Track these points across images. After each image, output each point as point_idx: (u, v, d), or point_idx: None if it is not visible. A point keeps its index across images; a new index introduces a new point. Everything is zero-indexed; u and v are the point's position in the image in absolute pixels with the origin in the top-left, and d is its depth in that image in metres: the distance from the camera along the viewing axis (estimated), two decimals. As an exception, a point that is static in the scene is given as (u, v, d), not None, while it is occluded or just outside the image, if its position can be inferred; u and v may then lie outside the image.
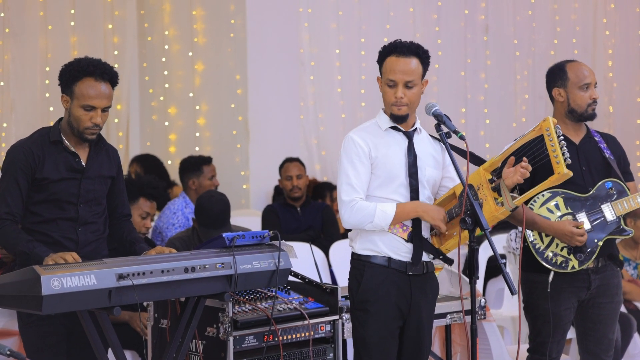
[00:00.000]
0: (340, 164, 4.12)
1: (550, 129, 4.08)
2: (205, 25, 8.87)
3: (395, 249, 4.09)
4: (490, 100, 10.50)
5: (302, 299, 4.46)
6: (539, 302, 4.53)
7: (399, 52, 4.08)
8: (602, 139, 4.67)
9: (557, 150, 4.05)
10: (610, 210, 4.53)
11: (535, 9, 10.82)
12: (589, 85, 4.58)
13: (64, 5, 8.45)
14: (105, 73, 4.08)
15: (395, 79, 4.05)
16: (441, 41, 10.14)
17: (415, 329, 4.13)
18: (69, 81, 4.07)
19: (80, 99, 4.04)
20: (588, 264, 4.50)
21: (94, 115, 4.05)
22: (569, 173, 4.03)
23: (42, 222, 4.10)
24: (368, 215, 4.01)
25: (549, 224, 4.47)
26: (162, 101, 9.10)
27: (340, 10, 9.46)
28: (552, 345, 4.56)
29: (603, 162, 4.59)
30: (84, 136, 4.09)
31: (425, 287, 4.14)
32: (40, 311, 3.50)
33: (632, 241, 6.92)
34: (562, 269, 4.48)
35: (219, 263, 3.95)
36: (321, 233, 7.67)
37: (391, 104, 4.07)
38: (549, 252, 4.50)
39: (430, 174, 4.15)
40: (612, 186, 4.56)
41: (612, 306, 4.62)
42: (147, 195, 5.62)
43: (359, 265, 4.13)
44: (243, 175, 8.71)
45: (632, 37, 11.36)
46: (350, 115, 9.43)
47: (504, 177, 4.01)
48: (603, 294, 4.58)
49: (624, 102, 11.37)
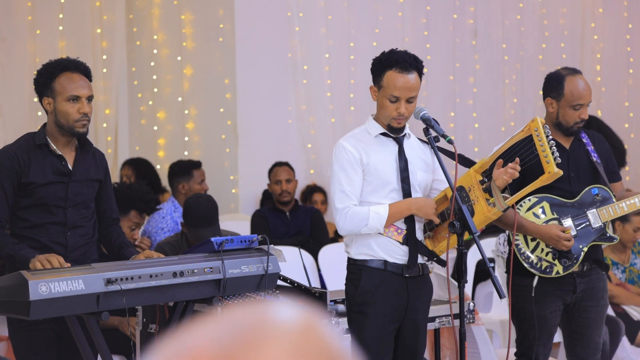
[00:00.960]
0: (332, 172, 4.13)
1: (539, 129, 4.10)
2: (194, 30, 8.86)
3: (391, 252, 4.10)
4: (479, 105, 10.51)
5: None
6: (524, 305, 4.55)
7: (401, 68, 4.05)
8: (589, 140, 4.67)
9: (547, 150, 4.07)
10: (595, 217, 4.55)
11: (524, 13, 10.84)
12: (582, 106, 4.53)
13: (52, 10, 8.44)
14: (79, 66, 4.14)
15: (399, 96, 4.04)
16: (430, 45, 10.15)
17: (411, 330, 4.14)
18: (47, 82, 4.08)
19: (64, 93, 4.05)
20: (573, 269, 4.52)
21: (81, 106, 4.06)
22: (559, 172, 4.06)
23: (30, 227, 4.09)
24: (362, 219, 4.02)
25: (536, 227, 4.47)
26: (151, 105, 9.09)
27: (329, 14, 9.46)
28: (539, 349, 4.57)
29: (590, 166, 4.60)
30: (75, 130, 4.08)
31: (421, 289, 4.17)
32: (28, 316, 3.49)
33: (620, 245, 6.93)
34: (547, 274, 4.50)
35: (208, 267, 3.94)
36: (310, 238, 7.67)
37: (391, 118, 4.07)
38: (533, 256, 4.51)
39: (422, 178, 4.17)
40: (598, 192, 4.57)
41: (598, 309, 4.64)
42: (139, 209, 5.62)
43: (356, 269, 4.14)
44: (232, 179, 8.70)
45: (620, 41, 11.40)
46: (340, 120, 9.43)
47: (494, 178, 4.04)
48: (589, 298, 4.60)
49: (612, 106, 11.40)
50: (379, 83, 4.10)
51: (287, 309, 1.10)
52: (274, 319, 1.08)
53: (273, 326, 1.06)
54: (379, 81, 4.10)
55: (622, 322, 6.28)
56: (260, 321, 1.07)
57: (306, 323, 1.08)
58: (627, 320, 6.53)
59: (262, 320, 1.07)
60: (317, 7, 9.37)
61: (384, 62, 4.10)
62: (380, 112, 4.13)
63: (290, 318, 1.08)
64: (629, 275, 6.95)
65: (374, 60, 4.16)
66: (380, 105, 4.11)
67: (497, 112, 10.61)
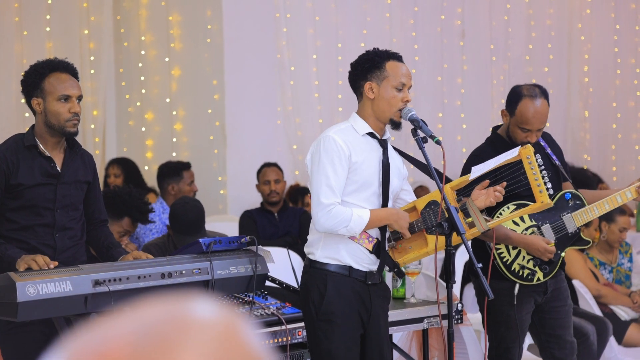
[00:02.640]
0: (318, 163, 3.97)
1: (531, 157, 4.09)
2: (182, 31, 8.85)
3: (357, 259, 4.03)
4: (466, 105, 10.54)
5: (279, 304, 4.46)
6: (502, 308, 4.58)
7: (397, 58, 4.06)
8: (545, 142, 4.71)
9: (540, 179, 4.08)
10: (571, 221, 4.61)
11: (511, 14, 10.87)
12: (530, 132, 4.51)
13: (39, 11, 8.41)
14: (67, 66, 4.14)
15: (406, 83, 4.01)
16: (418, 46, 10.17)
17: (376, 336, 4.10)
18: (36, 82, 4.07)
19: (54, 93, 4.05)
20: (552, 275, 4.60)
21: (72, 106, 4.05)
22: (550, 203, 4.12)
23: (19, 229, 4.08)
24: (344, 220, 3.92)
25: (522, 238, 4.52)
26: (139, 107, 9.08)
27: (317, 15, 9.47)
28: (515, 350, 4.64)
29: (553, 169, 4.67)
30: (66, 130, 4.07)
31: (381, 296, 4.14)
32: (15, 318, 3.48)
33: (607, 245, 6.96)
34: (529, 282, 4.58)
35: (196, 269, 3.94)
36: (298, 238, 7.67)
37: (397, 109, 3.99)
38: (515, 264, 4.56)
39: (396, 185, 4.12)
40: (571, 197, 4.63)
41: (565, 309, 4.73)
42: (133, 217, 5.60)
43: (320, 274, 4.02)
44: (220, 180, 8.69)
45: (607, 42, 11.44)
46: (327, 120, 9.44)
47: (473, 198, 4.03)
48: (557, 298, 4.70)
49: (599, 106, 11.44)
50: (380, 75, 4.00)
51: (206, 306, 1.04)
52: (193, 318, 1.02)
53: (192, 326, 1.00)
54: (379, 73, 4.00)
55: (609, 322, 6.29)
56: (179, 321, 1.01)
57: (227, 324, 1.02)
58: (614, 320, 6.56)
59: (180, 320, 1.01)
60: (304, 8, 9.38)
61: (382, 55, 4.04)
62: (379, 105, 4.01)
63: (210, 317, 1.02)
64: (616, 275, 6.98)
65: (365, 57, 4.06)
66: (382, 97, 3.99)
67: (485, 113, 10.64)
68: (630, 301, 6.73)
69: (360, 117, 4.08)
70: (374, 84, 4.02)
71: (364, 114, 4.07)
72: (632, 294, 6.79)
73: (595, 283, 6.69)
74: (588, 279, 6.65)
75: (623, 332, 6.62)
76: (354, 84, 4.10)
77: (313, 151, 4.04)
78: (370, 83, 4.03)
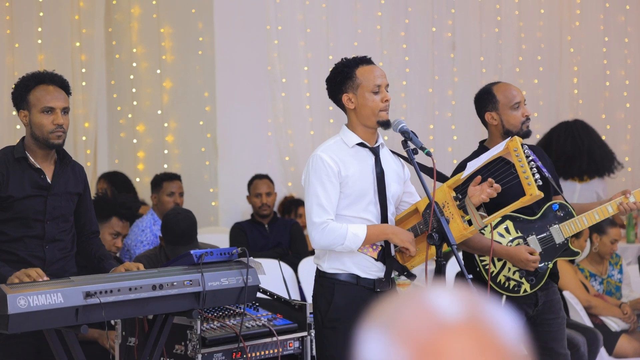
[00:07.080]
0: (309, 184, 4.04)
1: (518, 149, 4.07)
2: (174, 43, 8.86)
3: (364, 267, 4.07)
4: (457, 117, 10.56)
5: (270, 315, 4.46)
6: None
7: (366, 62, 4.11)
8: (535, 155, 4.72)
9: (527, 171, 4.05)
10: (558, 233, 4.58)
11: (502, 26, 10.91)
12: (520, 104, 4.57)
13: (30, 23, 8.42)
14: (54, 78, 4.14)
15: (381, 83, 4.05)
16: (409, 58, 10.20)
17: None
18: (22, 94, 4.09)
19: (38, 105, 4.06)
20: (539, 286, 4.55)
21: (55, 117, 4.06)
22: (540, 194, 4.06)
23: (8, 241, 4.08)
24: (339, 237, 3.96)
25: (505, 249, 4.49)
26: (130, 119, 9.07)
27: (308, 27, 9.49)
28: None
29: (544, 181, 4.64)
30: (49, 141, 4.07)
31: None
32: (6, 330, 3.47)
33: (597, 256, 6.98)
34: (515, 293, 4.53)
35: (187, 280, 3.94)
36: (289, 250, 7.67)
37: (379, 110, 4.04)
38: (501, 276, 4.53)
39: (395, 190, 4.15)
40: (558, 208, 4.60)
41: (558, 321, 4.66)
42: (120, 215, 5.61)
43: (328, 283, 4.08)
44: (212, 192, 8.69)
45: (596, 54, 11.49)
46: (319, 132, 9.45)
47: (469, 194, 4.03)
48: (549, 310, 4.64)
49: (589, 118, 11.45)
50: (353, 84, 4.06)
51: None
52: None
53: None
54: (352, 83, 4.07)
55: (600, 333, 6.31)
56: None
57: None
58: (605, 331, 6.57)
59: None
60: (295, 20, 9.40)
61: (350, 64, 4.10)
62: (362, 113, 4.06)
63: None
64: (606, 286, 7.00)
65: (335, 70, 4.13)
66: (362, 104, 4.05)
67: (476, 125, 10.64)
68: (621, 312, 6.75)
69: (348, 129, 4.13)
70: (350, 95, 4.07)
71: (351, 125, 4.13)
72: (623, 305, 6.81)
73: (586, 294, 6.70)
74: (578, 290, 6.66)
75: (613, 343, 6.64)
76: (333, 99, 4.16)
77: (305, 172, 4.11)
78: (347, 95, 4.08)
